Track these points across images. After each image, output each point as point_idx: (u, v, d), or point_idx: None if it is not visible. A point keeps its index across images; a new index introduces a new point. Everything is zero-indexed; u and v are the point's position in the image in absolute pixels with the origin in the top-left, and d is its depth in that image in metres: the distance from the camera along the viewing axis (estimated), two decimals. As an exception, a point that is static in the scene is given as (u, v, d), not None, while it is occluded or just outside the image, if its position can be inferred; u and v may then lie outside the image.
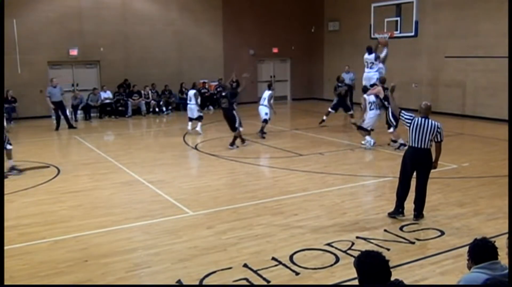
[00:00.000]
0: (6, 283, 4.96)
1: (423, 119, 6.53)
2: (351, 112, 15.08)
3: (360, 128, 12.00)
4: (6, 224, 6.71)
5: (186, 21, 20.51)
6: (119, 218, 7.02)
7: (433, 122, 6.54)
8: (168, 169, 10.09)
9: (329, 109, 15.19)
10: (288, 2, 22.30)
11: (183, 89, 19.79)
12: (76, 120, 17.55)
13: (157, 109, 19.29)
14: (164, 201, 7.82)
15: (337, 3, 22.16)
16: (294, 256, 5.53)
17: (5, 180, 9.22)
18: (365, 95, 11.84)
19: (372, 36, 16.32)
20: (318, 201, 7.71)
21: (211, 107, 20.32)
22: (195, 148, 12.31)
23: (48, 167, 10.24)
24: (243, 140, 12.34)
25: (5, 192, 8.32)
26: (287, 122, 17.46)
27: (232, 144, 12.01)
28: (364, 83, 13.78)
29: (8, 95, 17.31)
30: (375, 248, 5.28)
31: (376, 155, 11.31)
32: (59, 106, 15.68)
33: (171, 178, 9.32)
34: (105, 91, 18.72)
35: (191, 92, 14.74)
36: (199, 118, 14.53)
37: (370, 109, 11.59)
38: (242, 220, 6.86)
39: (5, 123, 10.35)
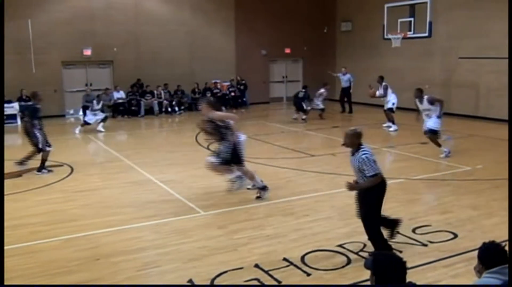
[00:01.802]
0: (17, 281, 4.99)
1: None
2: (304, 116, 15.80)
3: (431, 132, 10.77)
4: (17, 222, 6.81)
5: (198, 21, 20.54)
6: (130, 217, 7.04)
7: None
8: (179, 168, 10.10)
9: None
10: (301, 2, 22.23)
11: (196, 90, 19.87)
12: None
13: (169, 109, 19.35)
14: (176, 201, 7.83)
15: (349, 4, 22.07)
16: (306, 257, 5.50)
17: (20, 178, 9.32)
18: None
19: (385, 36, 16.22)
20: (329, 202, 7.67)
21: (223, 108, 20.32)
22: (207, 148, 12.30)
23: (61, 165, 10.31)
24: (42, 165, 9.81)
25: (19, 190, 8.44)
26: (300, 122, 17.40)
27: (40, 169, 9.75)
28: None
29: (23, 94, 17.52)
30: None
31: (389, 157, 11.22)
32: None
33: (182, 177, 9.34)
34: (118, 91, 18.82)
35: None
36: None
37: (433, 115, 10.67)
38: (253, 220, 6.84)
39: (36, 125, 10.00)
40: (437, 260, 5.46)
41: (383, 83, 14.61)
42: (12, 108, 17.39)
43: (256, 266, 5.27)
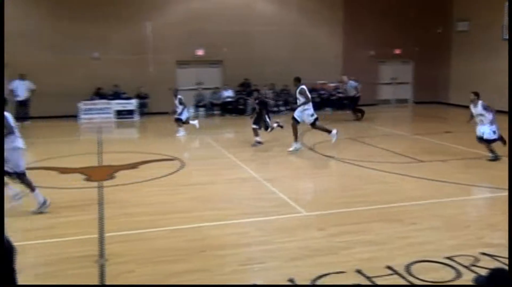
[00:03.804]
0: (130, 265, 5.37)
1: None
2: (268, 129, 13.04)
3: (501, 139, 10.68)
4: (131, 210, 7.32)
5: (305, 21, 20.60)
6: (234, 213, 7.26)
7: None
8: (283, 167, 10.22)
9: (253, 126, 12.91)
10: (413, 1, 21.39)
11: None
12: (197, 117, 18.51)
13: (275, 109, 19.62)
14: (278, 199, 7.93)
15: (467, 2, 20.79)
16: (411, 267, 5.29)
17: (134, 170, 9.99)
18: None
19: (504, 37, 15.09)
20: (437, 211, 7.30)
21: (328, 109, 20.21)
22: (312, 148, 12.32)
23: (173, 160, 10.91)
24: None
25: (134, 181, 9.06)
26: (407, 126, 16.80)
27: None
28: None
29: (141, 92, 18.89)
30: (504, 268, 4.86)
31: (502, 166, 10.42)
32: None
33: (286, 176, 9.44)
34: (226, 90, 19.48)
35: None
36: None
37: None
38: (355, 224, 6.72)
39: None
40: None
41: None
42: (131, 104, 18.70)
43: (358, 271, 5.18)
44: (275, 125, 12.92)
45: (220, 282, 4.99)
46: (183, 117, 14.72)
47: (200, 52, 19.81)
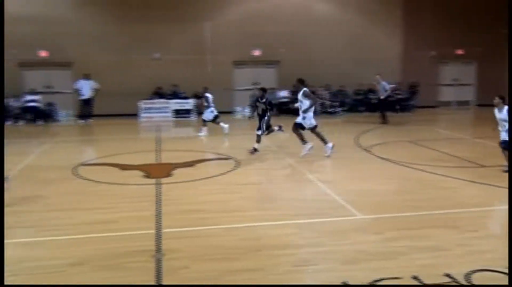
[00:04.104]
0: (184, 261, 5.48)
1: None
2: (259, 132, 11.86)
3: None
4: (187, 207, 7.46)
5: (363, 22, 20.30)
6: (288, 213, 7.24)
7: None
8: (338, 169, 10.12)
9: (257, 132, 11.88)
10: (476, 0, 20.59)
11: (359, 91, 19.68)
12: (252, 117, 18.62)
13: (331, 110, 19.44)
14: (333, 201, 7.85)
15: (538, 0, 19.75)
16: (471, 276, 5.09)
17: (191, 168, 10.19)
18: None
19: None
20: (500, 219, 6.99)
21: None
22: (367, 150, 12.11)
23: (228, 159, 11.04)
24: None
25: (190, 179, 9.23)
26: (469, 129, 16.18)
27: None
28: None
29: (199, 92, 19.17)
30: None
31: None
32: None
33: (341, 178, 9.33)
34: (282, 90, 19.50)
35: None
36: None
37: None
38: (413, 229, 6.54)
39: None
40: None
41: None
42: (189, 104, 19.08)
43: (415, 278, 5.04)
44: (276, 128, 12.23)
45: (274, 282, 5.00)
46: (206, 117, 14.77)
47: (257, 53, 19.94)
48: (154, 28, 19.02)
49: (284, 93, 19.55)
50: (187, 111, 19.06)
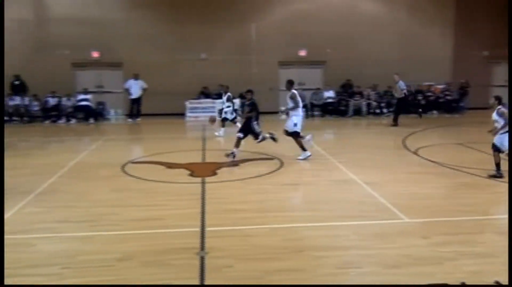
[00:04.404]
0: (228, 260, 5.53)
1: None
2: (259, 138, 11.35)
3: None
4: (233, 207, 7.52)
5: (413, 21, 19.87)
6: (332, 215, 7.20)
7: None
8: (384, 171, 9.94)
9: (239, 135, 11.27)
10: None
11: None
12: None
13: (377, 110, 19.14)
14: (378, 204, 7.73)
15: None
16: (522, 284, 4.90)
17: (236, 167, 10.27)
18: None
19: None
20: (557, 226, 6.69)
21: (435, 112, 19.32)
22: (415, 152, 11.85)
23: (272, 159, 11.07)
24: None
25: (235, 178, 9.32)
26: None
27: None
28: None
29: (243, 92, 19.33)
30: None
31: None
32: None
33: (386, 181, 9.17)
34: (328, 91, 19.36)
35: None
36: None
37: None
38: (462, 234, 6.36)
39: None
40: None
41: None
42: (234, 104, 19.20)
43: (463, 284, 4.89)
44: (267, 135, 11.38)
45: (316, 283, 4.98)
46: (229, 116, 14.76)
47: (302, 53, 19.88)
48: (201, 29, 19.30)
49: (330, 94, 19.41)
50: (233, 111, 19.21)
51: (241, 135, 11.13)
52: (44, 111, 18.72)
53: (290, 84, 11.39)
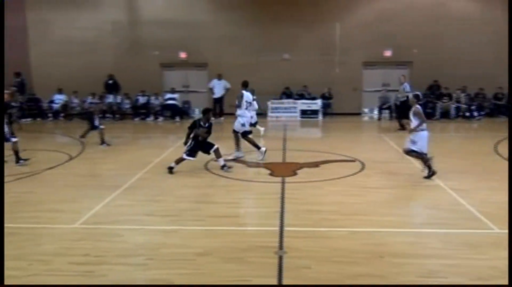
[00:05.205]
0: (304, 260, 5.51)
1: None
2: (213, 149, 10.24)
3: None
4: (312, 207, 7.49)
5: (507, 20, 18.61)
6: (415, 221, 6.96)
7: None
8: (473, 178, 9.42)
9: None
10: None
11: (499, 94, 18.14)
12: (380, 119, 18.22)
13: (467, 114, 18.20)
14: (465, 212, 7.35)
15: None
16: None
17: (317, 168, 10.20)
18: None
19: None
20: None
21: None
22: (508, 159, 11.12)
23: (354, 161, 10.88)
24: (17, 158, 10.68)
25: (315, 179, 9.26)
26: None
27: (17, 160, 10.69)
28: None
29: (326, 92, 19.24)
30: None
31: None
32: None
33: (475, 188, 8.68)
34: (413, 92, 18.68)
35: None
36: None
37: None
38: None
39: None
40: None
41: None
42: (316, 104, 19.16)
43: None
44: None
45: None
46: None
47: (387, 53, 19.35)
48: (284, 29, 19.37)
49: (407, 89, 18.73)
50: (314, 112, 19.12)
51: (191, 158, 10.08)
52: (134, 109, 19.76)
53: (244, 85, 12.13)
